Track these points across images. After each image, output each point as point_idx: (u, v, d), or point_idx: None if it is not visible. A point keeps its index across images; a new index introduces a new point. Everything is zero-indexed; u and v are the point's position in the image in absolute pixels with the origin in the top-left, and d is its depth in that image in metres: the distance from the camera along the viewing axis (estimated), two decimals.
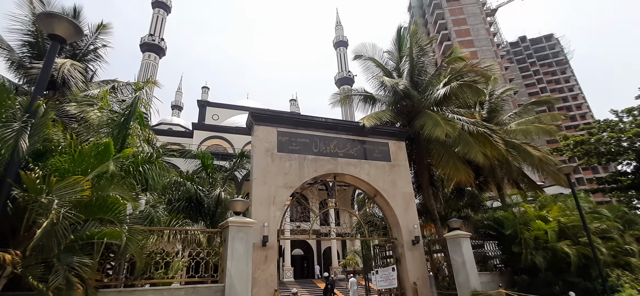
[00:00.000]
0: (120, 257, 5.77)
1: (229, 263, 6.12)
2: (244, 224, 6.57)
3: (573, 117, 60.45)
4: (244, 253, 6.33)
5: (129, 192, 5.68)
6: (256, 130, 11.18)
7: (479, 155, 11.80)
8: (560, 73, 66.87)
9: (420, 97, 13.80)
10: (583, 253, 9.80)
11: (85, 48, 12.59)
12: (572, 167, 11.10)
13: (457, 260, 9.93)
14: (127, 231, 4.73)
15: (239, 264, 6.18)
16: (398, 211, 11.66)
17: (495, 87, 17.14)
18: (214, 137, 33.88)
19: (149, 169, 7.55)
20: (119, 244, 5.29)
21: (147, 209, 7.99)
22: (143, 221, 7.57)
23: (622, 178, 18.86)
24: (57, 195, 3.85)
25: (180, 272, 8.27)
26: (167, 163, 12.78)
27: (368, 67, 15.12)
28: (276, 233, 9.91)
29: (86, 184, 4.16)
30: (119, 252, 4.81)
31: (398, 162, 12.65)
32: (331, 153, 11.74)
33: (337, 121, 12.27)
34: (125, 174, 7.01)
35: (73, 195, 3.98)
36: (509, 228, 10.57)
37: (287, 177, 10.75)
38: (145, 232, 5.95)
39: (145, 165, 7.52)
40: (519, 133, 15.40)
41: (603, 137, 17.58)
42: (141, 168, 7.50)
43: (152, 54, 40.10)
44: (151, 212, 7.91)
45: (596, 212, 12.27)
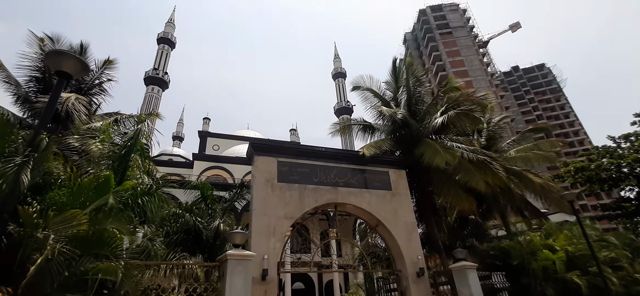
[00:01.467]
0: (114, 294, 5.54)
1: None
2: (243, 257, 6.39)
3: (571, 143, 60.83)
4: (243, 288, 6.09)
5: (126, 225, 5.58)
6: (256, 160, 11.19)
7: (480, 183, 11.73)
8: (555, 100, 68.20)
9: (418, 126, 13.97)
10: (593, 284, 9.45)
11: (91, 82, 12.95)
12: (575, 193, 11.01)
13: (464, 293, 9.54)
14: (123, 266, 4.59)
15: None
16: (401, 241, 11.37)
17: (492, 115, 17.41)
18: (214, 168, 33.82)
19: (147, 201, 7.48)
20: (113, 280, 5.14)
21: (144, 242, 7.82)
22: (140, 255, 7.37)
23: (626, 204, 18.62)
24: (54, 230, 3.78)
25: None
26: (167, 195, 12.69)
27: (366, 97, 15.44)
28: (276, 266, 9.60)
29: (84, 218, 4.09)
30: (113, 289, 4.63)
31: (399, 191, 12.54)
32: (332, 182, 11.67)
33: (337, 150, 12.33)
34: (124, 207, 6.94)
35: (70, 229, 3.90)
36: (516, 258, 10.27)
37: (288, 208, 10.60)
38: (141, 267, 5.77)
39: (144, 197, 7.45)
40: (519, 160, 15.42)
41: (603, 163, 17.57)
42: (140, 201, 7.43)
43: (156, 87, 41.11)
44: (148, 245, 7.73)
45: (604, 239, 11.98)
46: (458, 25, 60.83)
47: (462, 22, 62.09)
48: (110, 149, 6.58)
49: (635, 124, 18.10)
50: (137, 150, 6.86)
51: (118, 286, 4.50)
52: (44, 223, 3.83)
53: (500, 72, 69.84)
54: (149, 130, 8.71)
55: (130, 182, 5.41)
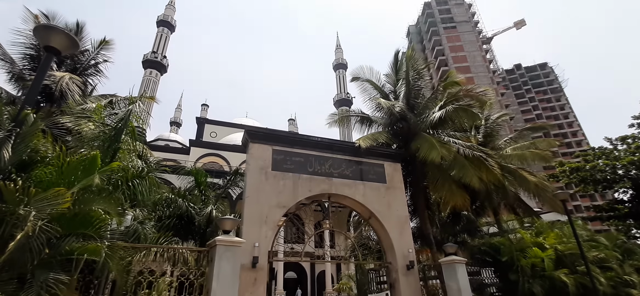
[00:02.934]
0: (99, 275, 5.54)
1: (214, 284, 5.88)
2: (232, 243, 6.38)
3: (569, 143, 60.95)
4: (231, 274, 6.11)
5: (115, 207, 5.55)
6: (251, 147, 11.13)
7: (475, 179, 11.74)
8: (555, 100, 68.07)
9: (416, 120, 13.89)
10: (581, 283, 9.54)
11: (87, 62, 12.76)
12: (568, 193, 11.04)
13: (452, 287, 9.63)
14: (108, 247, 4.56)
15: (225, 286, 5.94)
16: (393, 234, 11.43)
17: (491, 112, 17.33)
18: (211, 154, 33.75)
19: (138, 184, 7.43)
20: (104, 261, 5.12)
21: (134, 225, 7.81)
22: (129, 237, 7.37)
23: (619, 206, 18.73)
24: (36, 207, 3.73)
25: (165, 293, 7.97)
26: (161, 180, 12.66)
27: (365, 88, 15.32)
28: (267, 255, 9.64)
29: (68, 196, 4.04)
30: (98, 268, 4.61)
31: (394, 184, 12.54)
32: (326, 173, 11.64)
33: (332, 141, 12.27)
34: (114, 189, 6.90)
35: (53, 207, 3.86)
36: (506, 254, 10.34)
37: (281, 196, 10.59)
38: (129, 249, 5.76)
39: (135, 180, 7.40)
40: (515, 158, 15.42)
41: (598, 165, 17.60)
42: (131, 183, 7.39)
43: (154, 70, 40.68)
44: (138, 228, 7.72)
45: (594, 240, 12.06)
46: (463, 19, 60.19)
47: (467, 16, 61.44)
48: (101, 130, 6.50)
49: (633, 127, 18.11)
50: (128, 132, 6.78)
51: (100, 267, 4.47)
52: (27, 200, 3.79)
53: (503, 70, 69.47)
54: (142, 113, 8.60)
55: (117, 162, 5.34)
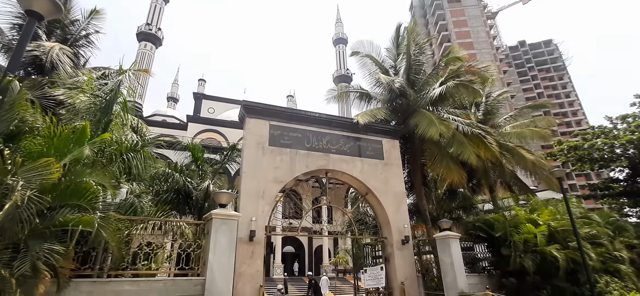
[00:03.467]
0: (97, 246, 5.58)
1: (211, 256, 5.95)
2: (228, 217, 6.41)
3: (569, 123, 60.82)
4: (227, 246, 6.17)
5: (109, 179, 5.50)
6: (248, 122, 11.00)
7: (472, 156, 11.72)
8: (558, 79, 67.17)
9: (416, 96, 13.68)
10: (572, 258, 9.75)
11: (77, 33, 12.34)
12: (565, 171, 11.05)
13: (445, 261, 9.85)
14: (103, 219, 4.55)
15: (221, 257, 6.02)
16: (389, 210, 11.55)
17: (492, 89, 17.08)
18: (209, 131, 33.56)
19: (133, 157, 7.35)
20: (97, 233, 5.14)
21: (130, 198, 7.81)
22: (125, 210, 7.39)
23: (614, 185, 18.92)
24: (24, 177, 3.66)
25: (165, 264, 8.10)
26: (159, 155, 12.59)
27: (364, 63, 14.98)
28: (264, 229, 9.75)
29: (57, 167, 3.97)
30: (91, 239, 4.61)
31: (391, 161, 12.54)
32: (324, 149, 11.59)
33: (330, 116, 12.12)
34: (108, 162, 6.83)
35: (42, 178, 3.79)
36: (499, 230, 10.50)
37: (278, 172, 10.59)
38: (124, 221, 5.76)
39: (129, 153, 7.32)
40: (514, 136, 15.36)
41: (596, 143, 17.59)
42: (125, 156, 7.31)
43: (149, 43, 39.57)
44: (135, 201, 7.72)
45: (587, 217, 12.23)
46: None
47: None
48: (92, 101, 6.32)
49: (634, 105, 17.93)
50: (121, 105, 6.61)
51: (94, 238, 4.48)
52: (14, 170, 3.71)
53: (506, 46, 67.96)
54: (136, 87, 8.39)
55: (107, 134, 5.23)
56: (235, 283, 8.76)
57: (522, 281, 9.95)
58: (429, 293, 10.65)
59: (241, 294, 8.70)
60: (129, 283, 5.42)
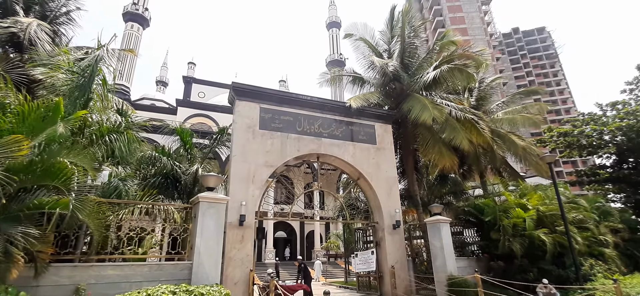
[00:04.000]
0: (78, 230, 5.36)
1: (198, 240, 5.79)
2: (215, 200, 6.22)
3: (558, 111, 61.68)
4: (215, 230, 6.01)
5: (89, 161, 5.22)
6: (238, 105, 10.70)
7: (465, 141, 11.70)
8: (550, 67, 67.66)
9: (409, 80, 13.49)
10: (559, 242, 9.93)
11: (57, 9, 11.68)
12: (555, 156, 11.15)
13: (435, 244, 9.92)
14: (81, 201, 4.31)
15: (209, 241, 5.86)
16: (381, 195, 11.53)
17: (485, 75, 17.00)
18: (199, 115, 32.87)
19: (116, 139, 7.04)
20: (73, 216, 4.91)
21: (115, 182, 7.54)
22: (110, 194, 7.13)
23: (600, 171, 19.29)
24: None
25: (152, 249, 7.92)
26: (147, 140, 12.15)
27: (358, 46, 14.65)
28: (254, 213, 9.62)
29: (26, 144, 3.69)
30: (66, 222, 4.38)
31: (384, 145, 12.44)
32: (315, 133, 11.39)
33: (322, 100, 11.87)
34: (90, 143, 6.51)
35: (8, 155, 3.51)
36: (489, 215, 10.60)
37: (268, 156, 10.39)
38: (105, 204, 5.52)
39: (112, 135, 7.00)
40: (506, 122, 15.40)
41: (586, 130, 17.80)
42: (108, 138, 6.99)
43: (136, 24, 38.07)
44: (119, 185, 7.46)
45: (574, 202, 12.44)
46: None
47: None
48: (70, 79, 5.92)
49: (625, 92, 18.14)
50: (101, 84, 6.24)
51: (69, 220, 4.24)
52: None
53: (500, 33, 67.88)
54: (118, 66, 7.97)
55: (83, 111, 4.91)
56: (224, 267, 8.70)
57: (509, 264, 10.13)
58: (418, 276, 10.78)
59: (231, 278, 8.64)
60: (113, 268, 5.23)
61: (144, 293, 4.80)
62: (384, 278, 10.87)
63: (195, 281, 5.50)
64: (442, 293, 9.46)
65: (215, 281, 5.68)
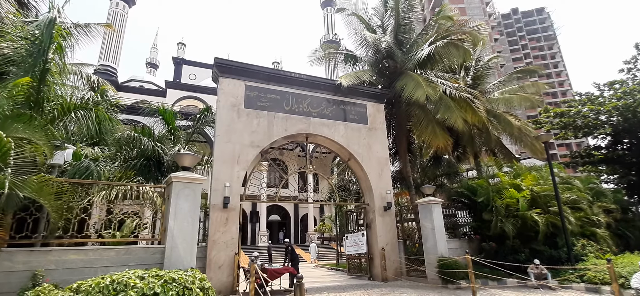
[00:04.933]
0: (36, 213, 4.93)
1: (171, 222, 5.40)
2: (190, 180, 5.80)
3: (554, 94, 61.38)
4: (190, 212, 5.62)
5: (44, 137, 4.73)
6: (221, 82, 10.13)
7: (459, 121, 11.30)
8: (548, 48, 66.86)
9: (403, 58, 12.93)
10: (552, 222, 9.75)
11: None
12: (551, 135, 10.83)
13: (426, 226, 9.67)
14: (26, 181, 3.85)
15: (183, 223, 5.48)
16: (372, 176, 11.19)
17: (482, 53, 16.43)
18: (190, 97, 32.04)
19: (83, 116, 6.51)
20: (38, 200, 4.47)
21: (86, 162, 7.06)
22: (80, 175, 6.67)
23: (595, 152, 19.14)
24: None
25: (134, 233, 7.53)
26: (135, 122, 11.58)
27: (350, 22, 13.97)
28: (239, 195, 9.24)
29: None
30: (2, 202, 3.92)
31: (376, 125, 12.01)
32: (304, 112, 10.90)
33: (312, 77, 11.31)
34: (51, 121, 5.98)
35: None
36: (482, 195, 10.34)
37: (254, 135, 9.92)
38: (65, 185, 5.07)
39: (78, 111, 6.47)
40: (502, 102, 14.99)
41: (583, 111, 17.49)
42: (74, 114, 6.46)
43: (121, 2, 36.37)
44: (91, 165, 6.99)
45: (568, 182, 12.25)
46: None
47: None
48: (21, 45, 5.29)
49: (623, 71, 17.74)
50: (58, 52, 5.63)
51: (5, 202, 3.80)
52: None
53: (499, 14, 66.61)
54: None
55: (24, 79, 4.37)
56: (208, 250, 8.39)
57: (501, 245, 9.96)
58: (409, 258, 10.60)
59: (215, 262, 8.35)
60: (75, 252, 4.85)
61: (108, 279, 4.44)
62: (374, 260, 10.68)
63: (168, 265, 5.15)
64: (432, 275, 9.29)
65: (190, 266, 5.33)
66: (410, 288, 8.87)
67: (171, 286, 4.64)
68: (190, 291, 4.71)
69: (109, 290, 4.30)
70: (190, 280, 4.85)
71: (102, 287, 4.30)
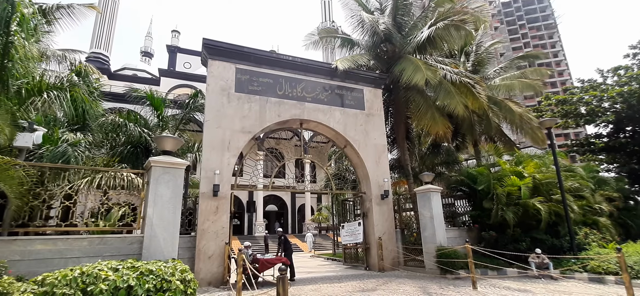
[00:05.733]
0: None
1: (150, 210, 5.00)
2: (171, 165, 5.37)
3: (554, 83, 60.92)
4: (171, 198, 5.20)
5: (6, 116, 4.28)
6: (211, 65, 9.62)
7: (459, 106, 10.88)
8: (548, 37, 66.07)
9: (402, 41, 12.42)
10: (554, 210, 9.42)
11: None
12: (555, 120, 10.44)
13: (425, 214, 9.33)
14: None
15: (163, 211, 5.08)
16: (369, 163, 10.80)
17: (483, 38, 15.91)
18: (184, 86, 31.35)
19: (57, 97, 6.04)
20: None
21: (63, 146, 6.61)
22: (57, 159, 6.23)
23: (596, 141, 18.83)
24: None
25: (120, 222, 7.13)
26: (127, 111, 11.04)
27: (347, 3, 13.41)
28: (230, 183, 8.83)
29: None
30: None
31: (373, 111, 11.57)
32: (298, 97, 10.43)
33: (306, 61, 10.80)
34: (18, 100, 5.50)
35: None
36: (482, 183, 9.98)
37: (245, 121, 9.47)
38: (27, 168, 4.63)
39: (51, 92, 5.99)
40: (503, 88, 14.56)
41: (585, 97, 17.07)
42: (47, 95, 5.99)
43: None
44: (68, 150, 6.54)
45: (571, 170, 11.92)
46: None
47: None
48: None
49: (628, 57, 17.27)
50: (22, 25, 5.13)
51: None
52: None
53: (499, 2, 65.61)
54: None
55: None
56: (198, 240, 8.03)
57: (502, 234, 9.65)
58: (407, 248, 10.30)
59: (204, 252, 8.00)
60: (42, 242, 4.44)
61: (78, 271, 4.05)
62: (371, 249, 10.38)
63: (146, 256, 4.77)
64: (430, 264, 8.99)
65: (171, 256, 4.95)
66: (408, 278, 8.58)
67: (148, 278, 4.27)
68: (169, 284, 4.34)
69: (78, 283, 3.91)
70: (169, 271, 4.48)
71: (70, 280, 3.91)
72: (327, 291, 7.14)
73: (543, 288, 7.12)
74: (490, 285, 7.44)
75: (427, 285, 7.57)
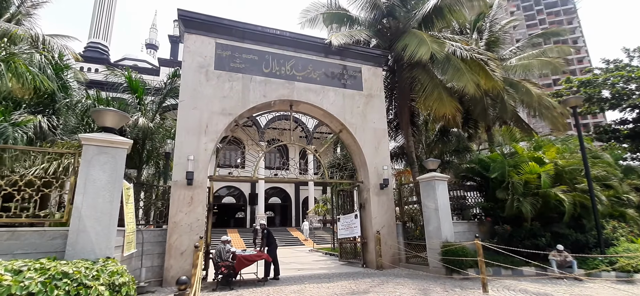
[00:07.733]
0: None
1: (79, 198, 4.07)
2: (109, 144, 4.41)
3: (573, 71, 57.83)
4: (108, 184, 4.25)
5: None
6: (187, 39, 8.62)
7: (470, 85, 9.60)
8: (567, 23, 62.57)
9: (406, 15, 11.15)
10: (579, 201, 8.14)
11: None
12: (581, 98, 9.07)
13: (429, 206, 8.19)
14: None
15: (97, 200, 4.14)
16: (367, 150, 9.69)
17: (498, 13, 14.38)
18: None
19: None
20: None
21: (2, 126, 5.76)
22: None
23: (621, 127, 17.19)
24: None
25: None
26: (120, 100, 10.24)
27: None
28: (207, 170, 7.89)
29: None
30: None
31: (372, 92, 10.40)
32: (287, 75, 9.36)
33: (295, 35, 9.68)
34: None
35: None
36: (496, 171, 8.74)
37: (226, 101, 8.47)
38: None
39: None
40: (520, 68, 13.05)
41: (610, 79, 15.42)
42: None
43: None
44: (7, 129, 5.69)
45: (597, 156, 10.49)
46: None
47: None
48: None
49: None
50: None
51: None
52: None
53: None
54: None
55: None
56: (169, 235, 7.15)
57: (517, 228, 8.44)
58: (409, 243, 9.20)
59: (176, 247, 7.12)
60: None
61: None
62: (368, 244, 9.34)
63: (71, 254, 3.85)
64: (434, 262, 7.90)
65: (105, 254, 4.02)
66: (408, 277, 7.51)
67: (59, 283, 3.32)
68: (88, 290, 3.40)
69: None
70: (91, 274, 3.53)
71: None
72: (311, 293, 6.16)
73: (566, 291, 5.97)
74: (504, 287, 6.33)
75: (429, 286, 6.50)
